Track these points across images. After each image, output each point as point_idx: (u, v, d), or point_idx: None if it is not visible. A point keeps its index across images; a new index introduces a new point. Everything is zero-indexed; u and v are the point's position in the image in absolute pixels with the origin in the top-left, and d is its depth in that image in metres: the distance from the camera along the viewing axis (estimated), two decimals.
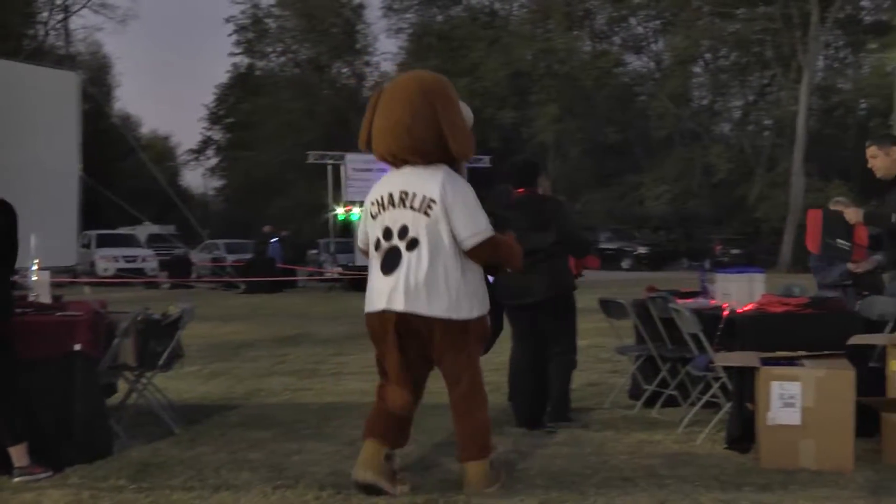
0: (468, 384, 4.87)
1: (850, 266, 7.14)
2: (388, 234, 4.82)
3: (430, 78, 5.04)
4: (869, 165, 6.56)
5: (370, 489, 4.77)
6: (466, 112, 5.06)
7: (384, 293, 4.75)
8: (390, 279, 4.74)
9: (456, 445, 4.98)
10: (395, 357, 4.74)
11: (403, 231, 4.76)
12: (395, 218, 4.81)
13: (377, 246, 4.87)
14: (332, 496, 4.83)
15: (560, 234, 6.49)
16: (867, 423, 5.43)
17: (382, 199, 4.88)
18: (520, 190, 6.76)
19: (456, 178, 4.88)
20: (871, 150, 6.49)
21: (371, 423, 4.93)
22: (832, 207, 7.04)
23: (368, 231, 4.98)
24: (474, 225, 4.76)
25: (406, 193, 4.78)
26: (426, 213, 4.72)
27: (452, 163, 4.93)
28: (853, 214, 6.41)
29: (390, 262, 4.77)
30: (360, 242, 5.19)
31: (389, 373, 4.80)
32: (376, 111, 4.93)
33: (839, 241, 6.48)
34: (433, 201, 4.71)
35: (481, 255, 4.83)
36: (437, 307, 4.69)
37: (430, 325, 4.72)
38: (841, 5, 37.85)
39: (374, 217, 4.92)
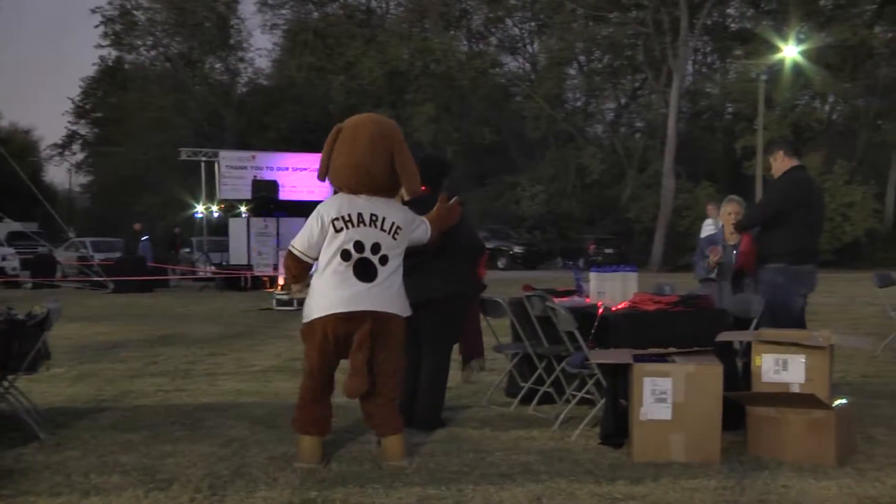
0: (400, 373, 5.69)
1: (711, 259, 7.38)
2: (359, 247, 5.44)
3: (386, 123, 5.79)
4: (771, 171, 7.17)
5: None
6: None
7: (364, 297, 5.38)
8: (369, 286, 5.41)
9: (379, 425, 5.51)
10: (367, 352, 5.33)
11: (376, 248, 5.46)
12: (366, 235, 5.46)
13: (346, 256, 5.42)
14: (208, 498, 4.75)
15: (449, 236, 6.28)
16: (734, 417, 5.62)
17: (350, 216, 5.46)
18: (423, 188, 6.66)
19: (409, 210, 5.86)
20: (769, 160, 7.01)
21: (303, 421, 5.49)
22: (728, 205, 7.46)
23: (328, 241, 5.45)
24: (423, 232, 5.88)
25: (376, 216, 5.49)
26: (394, 237, 5.53)
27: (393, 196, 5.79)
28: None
29: (366, 272, 5.42)
30: (299, 246, 5.57)
31: (355, 365, 5.30)
32: (335, 148, 5.58)
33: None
34: (400, 228, 5.57)
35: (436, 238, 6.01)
36: (404, 309, 5.59)
37: (391, 325, 5.46)
38: (708, 12, 39.06)
39: (337, 230, 5.45)
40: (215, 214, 28.01)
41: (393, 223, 5.52)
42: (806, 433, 5.39)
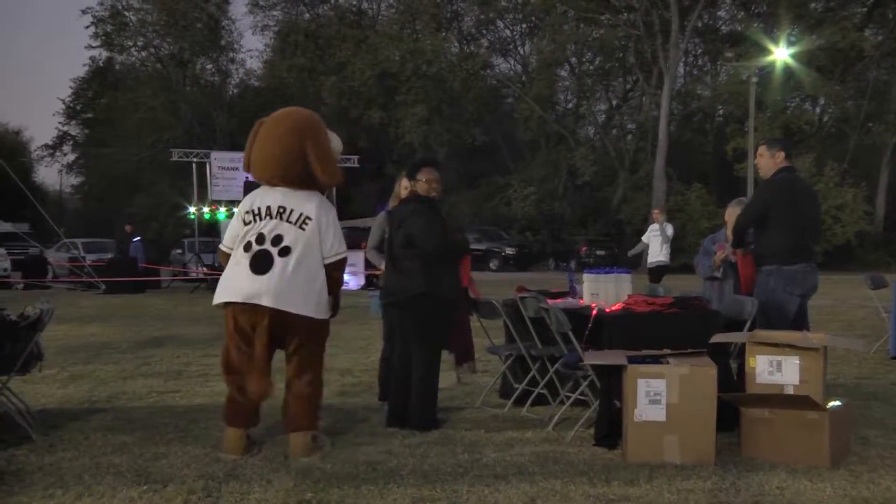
0: (314, 373, 5.74)
1: (717, 256, 7.37)
2: (260, 239, 5.52)
3: (301, 115, 5.82)
4: (755, 161, 7.04)
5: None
6: (335, 141, 5.80)
7: (256, 291, 5.43)
8: (262, 279, 5.43)
9: (287, 420, 5.71)
10: (263, 349, 5.49)
11: (277, 239, 5.50)
12: (270, 228, 5.53)
13: (247, 248, 5.53)
14: (202, 499, 4.74)
15: (406, 236, 6.37)
16: (728, 418, 5.63)
17: (259, 210, 5.58)
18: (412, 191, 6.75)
19: (328, 203, 5.77)
20: (761, 149, 7.02)
21: (231, 414, 5.71)
22: (738, 207, 7.44)
23: (238, 235, 5.64)
24: (339, 245, 5.70)
25: (283, 209, 5.55)
26: (301, 227, 5.52)
27: (320, 188, 5.79)
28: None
29: (261, 263, 5.47)
30: (227, 242, 5.76)
31: (255, 363, 5.49)
32: (255, 142, 5.70)
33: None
34: (309, 218, 5.54)
35: (336, 270, 5.73)
36: (304, 307, 5.49)
37: (294, 322, 5.48)
38: (699, 14, 39.10)
39: (246, 224, 5.60)
40: (194, 216, 27.93)
41: (301, 214, 5.54)
42: (800, 434, 5.39)
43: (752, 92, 33.01)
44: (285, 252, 5.47)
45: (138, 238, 27.13)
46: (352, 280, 22.87)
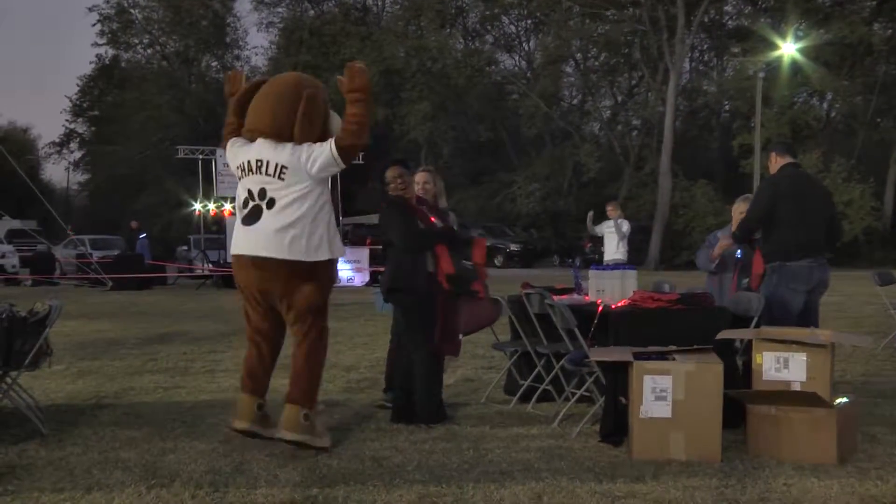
0: (315, 334, 5.72)
1: (714, 251, 7.35)
2: (251, 195, 5.68)
3: (307, 77, 5.92)
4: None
5: (249, 434, 5.75)
6: (337, 122, 5.81)
7: (242, 241, 5.67)
8: (249, 229, 5.62)
9: (290, 384, 5.70)
10: (255, 305, 5.71)
11: (262, 193, 5.63)
12: (255, 182, 5.67)
13: (244, 204, 5.72)
14: (210, 494, 4.76)
15: (388, 234, 6.60)
16: (734, 415, 5.62)
17: (244, 165, 5.76)
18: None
19: (297, 145, 5.66)
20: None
21: (244, 379, 5.84)
22: (743, 204, 7.42)
23: (238, 191, 5.86)
24: (326, 153, 5.58)
25: (260, 162, 5.65)
26: (280, 178, 5.59)
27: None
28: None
29: (253, 216, 5.63)
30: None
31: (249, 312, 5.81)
32: (256, 92, 5.84)
33: None
34: (285, 167, 5.58)
35: (350, 143, 5.66)
36: (288, 251, 5.51)
37: (282, 267, 5.53)
38: (705, 9, 39.00)
39: (239, 179, 5.82)
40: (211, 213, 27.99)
41: (277, 164, 5.60)
42: (807, 432, 5.39)
43: (759, 87, 32.88)
44: (271, 204, 5.60)
45: (144, 235, 27.19)
46: (356, 277, 22.90)
